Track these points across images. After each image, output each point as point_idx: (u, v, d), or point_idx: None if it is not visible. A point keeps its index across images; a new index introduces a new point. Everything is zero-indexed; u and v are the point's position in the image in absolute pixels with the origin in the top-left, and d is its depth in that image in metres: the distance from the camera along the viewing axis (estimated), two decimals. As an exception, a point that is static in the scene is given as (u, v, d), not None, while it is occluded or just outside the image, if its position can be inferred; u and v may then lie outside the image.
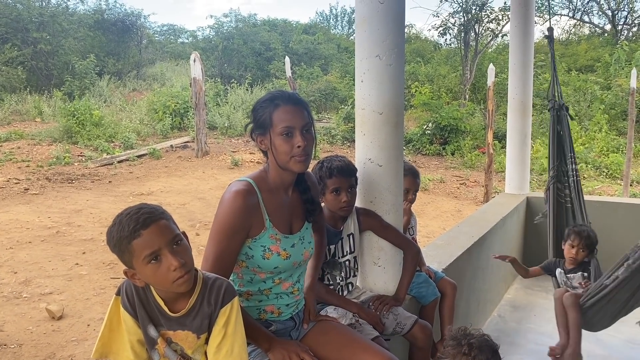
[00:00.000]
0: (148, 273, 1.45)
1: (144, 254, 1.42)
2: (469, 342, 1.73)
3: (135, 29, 24.69)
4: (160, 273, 1.44)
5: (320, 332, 2.04)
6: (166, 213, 1.49)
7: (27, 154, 12.50)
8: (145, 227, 1.41)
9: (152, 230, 1.42)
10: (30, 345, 4.51)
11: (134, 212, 1.43)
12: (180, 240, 1.47)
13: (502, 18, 20.47)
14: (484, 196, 10.80)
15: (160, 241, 1.43)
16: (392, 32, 2.38)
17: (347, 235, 2.45)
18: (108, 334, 1.58)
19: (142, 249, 1.42)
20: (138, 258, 1.43)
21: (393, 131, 2.46)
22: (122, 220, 1.43)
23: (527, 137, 5.19)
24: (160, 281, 1.48)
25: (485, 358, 1.71)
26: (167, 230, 1.45)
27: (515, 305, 4.46)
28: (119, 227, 1.43)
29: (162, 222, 1.45)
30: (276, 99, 1.84)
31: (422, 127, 16.09)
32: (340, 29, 40.17)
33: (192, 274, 1.49)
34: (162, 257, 1.43)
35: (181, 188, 10.82)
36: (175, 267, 1.43)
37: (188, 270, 1.47)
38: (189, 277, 1.47)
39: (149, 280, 1.49)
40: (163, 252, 1.43)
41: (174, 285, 1.46)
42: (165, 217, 1.47)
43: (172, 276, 1.44)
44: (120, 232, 1.42)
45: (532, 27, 5.09)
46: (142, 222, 1.41)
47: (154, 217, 1.44)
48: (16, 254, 6.66)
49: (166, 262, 1.43)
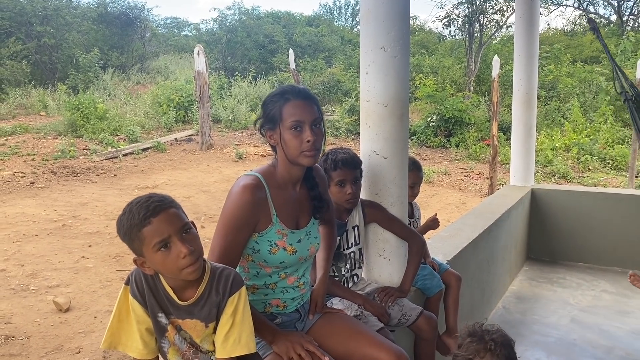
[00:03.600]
0: (157, 260, 1.47)
1: (154, 241, 1.44)
2: (492, 338, 1.72)
3: (139, 22, 24.68)
4: (170, 260, 1.46)
5: (326, 324, 2.05)
6: (175, 202, 1.51)
7: (33, 148, 12.55)
8: (155, 214, 1.43)
9: (162, 218, 1.44)
10: (38, 337, 4.55)
11: (144, 201, 1.45)
12: (189, 229, 1.49)
13: (506, 9, 20.33)
14: (489, 188, 10.78)
15: (170, 229, 1.44)
16: (397, 24, 2.37)
17: (352, 227, 2.46)
18: (117, 324, 1.59)
19: (152, 237, 1.43)
20: (148, 245, 1.45)
21: (398, 123, 2.46)
22: (133, 208, 1.45)
23: (532, 129, 5.17)
24: (169, 269, 1.49)
25: (507, 353, 1.71)
26: (176, 218, 1.47)
27: (520, 296, 4.46)
28: (129, 215, 1.44)
29: (172, 211, 1.47)
30: (286, 93, 1.84)
31: (427, 119, 16.05)
32: (344, 21, 40.04)
33: (201, 261, 1.51)
34: (171, 245, 1.45)
35: (186, 181, 10.86)
36: (185, 255, 1.45)
37: (197, 257, 1.48)
38: (198, 265, 1.49)
39: (159, 268, 1.50)
40: (173, 240, 1.45)
41: (183, 272, 1.48)
42: (175, 206, 1.49)
43: (182, 263, 1.46)
44: (131, 219, 1.44)
45: (537, 18, 5.05)
46: (153, 209, 1.43)
47: (164, 205, 1.46)
48: (23, 247, 6.70)
49: (175, 249, 1.45)
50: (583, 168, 12.76)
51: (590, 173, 12.36)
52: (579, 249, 5.13)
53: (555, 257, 5.22)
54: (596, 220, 5.05)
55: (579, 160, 13.11)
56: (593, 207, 5.09)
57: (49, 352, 4.30)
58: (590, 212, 5.08)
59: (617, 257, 4.98)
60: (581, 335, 3.74)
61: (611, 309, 4.18)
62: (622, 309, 4.19)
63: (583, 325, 3.90)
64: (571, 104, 15.62)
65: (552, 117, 15.73)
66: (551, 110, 15.99)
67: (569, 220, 5.15)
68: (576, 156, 13.29)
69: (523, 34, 5.01)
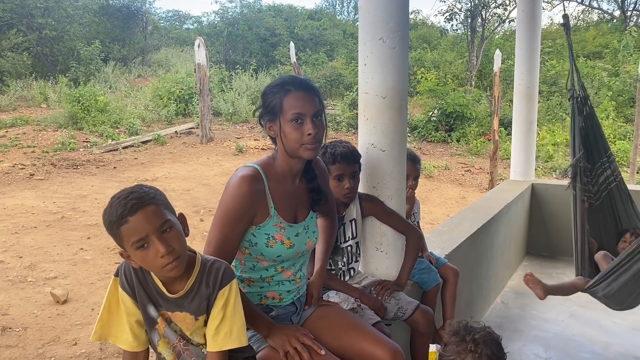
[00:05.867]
0: (138, 258, 1.45)
1: (132, 240, 1.41)
2: (474, 338, 1.69)
3: (140, 15, 24.60)
4: (149, 259, 1.44)
5: (322, 317, 2.03)
6: (157, 198, 1.46)
7: (33, 140, 12.54)
8: (132, 213, 1.39)
9: (139, 216, 1.40)
10: (35, 328, 4.54)
11: (124, 197, 1.41)
12: (170, 227, 1.45)
13: (509, 3, 20.24)
14: (489, 183, 10.76)
15: (147, 228, 1.41)
16: (395, 15, 2.34)
17: (349, 220, 2.44)
18: (107, 316, 1.57)
19: (130, 235, 1.41)
20: (127, 243, 1.42)
21: (396, 116, 2.43)
22: (113, 203, 1.42)
23: (533, 124, 5.15)
24: (149, 266, 1.48)
25: (491, 352, 1.67)
26: (154, 217, 1.42)
27: (519, 292, 4.44)
28: (109, 211, 1.42)
29: (150, 209, 1.42)
30: (287, 84, 1.80)
31: (428, 114, 16.00)
32: (346, 14, 39.88)
33: (182, 259, 1.47)
34: (149, 244, 1.42)
35: (186, 174, 10.84)
36: (163, 254, 1.42)
37: (177, 256, 1.45)
38: (178, 263, 1.46)
39: (140, 264, 1.49)
40: (151, 239, 1.41)
41: (163, 270, 1.46)
42: (155, 203, 1.44)
43: (160, 262, 1.43)
44: (110, 216, 1.41)
45: (539, 12, 5.02)
46: (130, 207, 1.39)
47: (143, 203, 1.41)
48: (21, 239, 6.70)
49: (154, 248, 1.42)
50: (584, 164, 12.70)
51: (592, 168, 12.31)
52: (578, 244, 5.10)
53: (554, 252, 5.20)
54: (596, 215, 5.02)
55: (580, 156, 13.04)
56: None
57: (46, 344, 4.30)
58: (591, 207, 5.05)
59: (617, 253, 4.95)
60: (580, 330, 3.73)
61: (610, 305, 4.16)
62: (621, 304, 4.17)
63: (582, 320, 3.89)
64: (573, 100, 15.54)
65: (553, 112, 15.68)
66: (553, 106, 15.94)
67: (569, 216, 5.11)
68: (577, 152, 13.23)
69: (525, 28, 4.98)
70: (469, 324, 1.76)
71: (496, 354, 1.69)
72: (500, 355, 1.71)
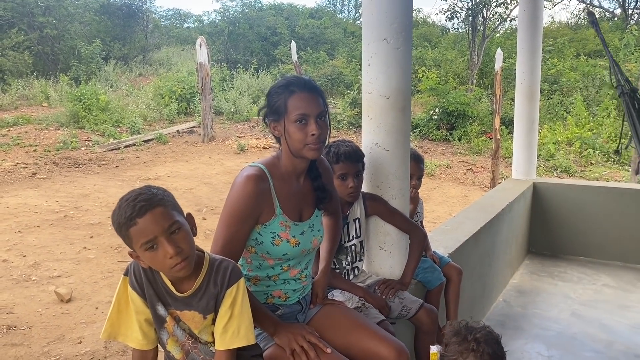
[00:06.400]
0: (146, 258, 1.47)
1: (141, 241, 1.43)
2: (475, 337, 1.71)
3: (141, 14, 24.63)
4: (158, 260, 1.45)
5: (327, 316, 2.05)
6: (165, 199, 1.47)
7: (35, 139, 12.55)
8: (140, 215, 1.41)
9: (147, 218, 1.41)
10: (39, 327, 4.56)
11: (132, 199, 1.43)
12: (178, 228, 1.46)
13: (510, 2, 20.23)
14: (491, 182, 10.77)
15: (156, 229, 1.42)
16: (399, 15, 2.35)
17: (353, 220, 2.46)
18: (116, 315, 1.59)
19: (139, 237, 1.42)
20: (136, 244, 1.44)
21: (400, 116, 2.45)
22: (122, 205, 1.43)
23: (534, 123, 5.15)
24: (158, 267, 1.50)
25: (492, 350, 1.70)
26: (163, 219, 1.43)
27: (521, 290, 4.47)
28: (118, 213, 1.43)
29: (158, 210, 1.43)
30: (292, 85, 1.82)
31: (429, 113, 16.00)
32: (347, 13, 39.86)
33: (190, 260, 1.49)
34: (158, 245, 1.44)
35: (188, 173, 10.86)
36: (171, 255, 1.43)
37: (185, 257, 1.47)
38: (186, 264, 1.48)
39: (149, 264, 1.50)
40: (159, 240, 1.43)
41: (172, 270, 1.47)
42: (164, 204, 1.45)
43: (169, 263, 1.45)
44: (119, 218, 1.43)
45: (540, 11, 5.02)
46: (138, 210, 1.41)
47: (151, 204, 1.42)
48: (25, 238, 6.72)
49: (162, 250, 1.44)
50: (585, 162, 12.75)
51: (593, 167, 12.33)
52: (580, 243, 5.13)
53: (556, 251, 5.21)
54: (598, 214, 5.04)
55: (581, 154, 13.09)
56: (595, 201, 5.08)
57: (51, 342, 4.32)
58: (592, 206, 5.07)
59: (619, 252, 4.98)
60: (582, 329, 3.74)
61: (612, 303, 4.18)
62: (623, 303, 4.19)
63: (583, 319, 3.90)
64: (574, 98, 15.57)
65: (555, 110, 15.69)
66: (554, 104, 15.94)
67: (570, 214, 5.15)
68: (579, 150, 13.26)
69: (526, 27, 4.98)
70: (469, 324, 1.79)
71: (497, 352, 1.72)
72: (501, 353, 1.74)
